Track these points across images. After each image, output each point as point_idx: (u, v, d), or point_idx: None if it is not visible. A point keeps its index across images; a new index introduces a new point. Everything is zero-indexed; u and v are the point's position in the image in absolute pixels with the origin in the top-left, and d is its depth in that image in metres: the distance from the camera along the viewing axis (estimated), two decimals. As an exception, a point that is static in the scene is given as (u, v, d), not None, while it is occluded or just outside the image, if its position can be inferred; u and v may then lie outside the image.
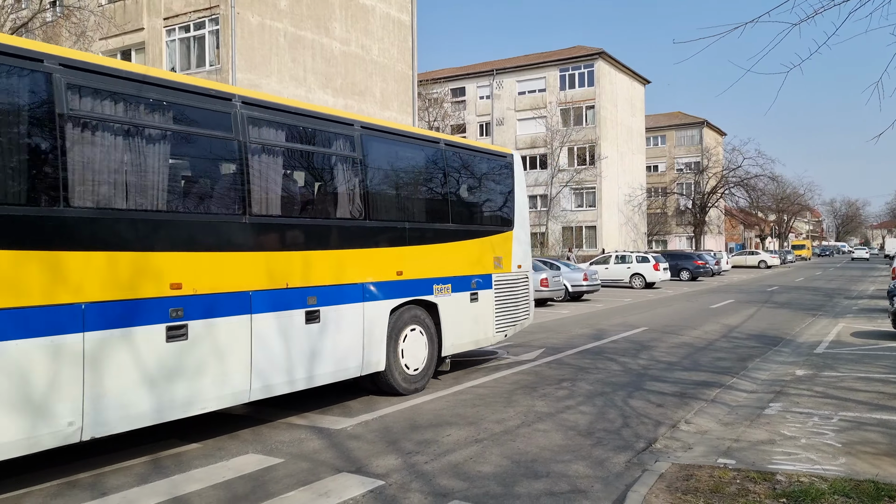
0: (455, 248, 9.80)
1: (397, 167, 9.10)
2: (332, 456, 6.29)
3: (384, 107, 29.66)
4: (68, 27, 22.82)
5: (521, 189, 11.52)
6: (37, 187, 5.23)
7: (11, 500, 5.28)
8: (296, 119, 7.64)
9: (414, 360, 8.99)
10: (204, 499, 5.24)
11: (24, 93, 5.24)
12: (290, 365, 7.16)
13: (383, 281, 8.43)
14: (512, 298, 10.97)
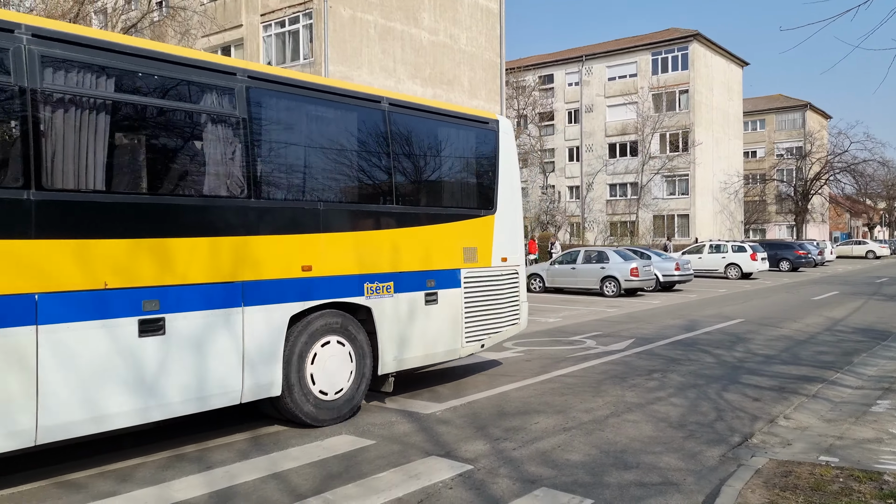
0: (402, 236, 7.72)
1: (308, 132, 7.00)
2: (421, 439, 6.43)
3: (472, 95, 29.71)
4: (173, 26, 24.00)
5: (509, 164, 9.27)
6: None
7: (127, 469, 5.69)
8: (129, 62, 5.63)
9: (331, 381, 6.96)
10: (301, 476, 5.47)
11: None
12: (102, 395, 5.29)
13: (278, 279, 6.48)
14: (491, 299, 8.81)
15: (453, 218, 8.41)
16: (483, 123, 9.07)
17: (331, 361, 6.99)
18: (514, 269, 9.21)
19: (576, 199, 55.55)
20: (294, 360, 6.65)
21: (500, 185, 9.07)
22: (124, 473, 5.58)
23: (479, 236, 8.72)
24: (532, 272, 24.26)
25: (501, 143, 9.18)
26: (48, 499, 5.04)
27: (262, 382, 6.36)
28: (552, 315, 17.03)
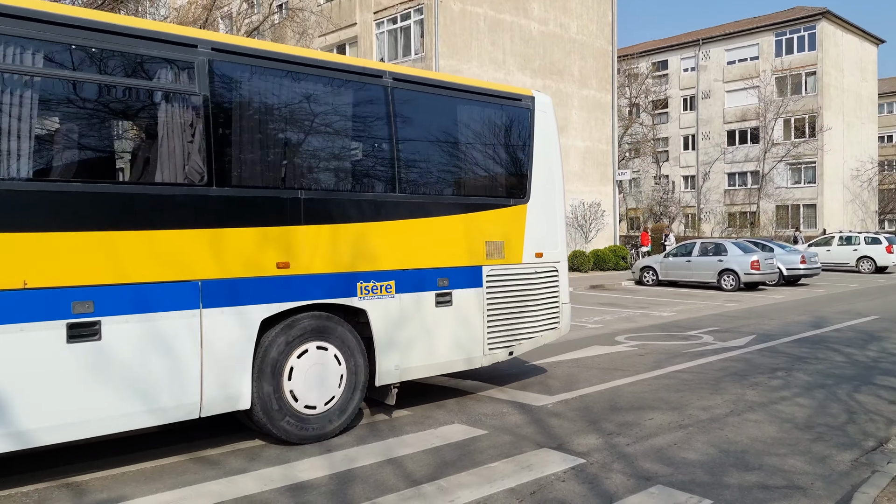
0: (407, 228, 6.82)
1: (287, 110, 6.22)
2: (533, 431, 6.45)
3: (583, 85, 29.23)
4: (292, 27, 25.04)
5: (547, 146, 8.19)
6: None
7: (256, 448, 6.06)
8: (61, 34, 5.01)
9: (313, 392, 6.15)
10: (416, 462, 5.63)
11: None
12: (19, 409, 4.73)
13: (246, 277, 5.74)
14: (522, 301, 7.78)
15: (474, 208, 7.44)
16: (513, 100, 8.01)
17: (315, 369, 6.18)
18: (551, 266, 8.14)
19: (691, 189, 53.53)
20: (267, 368, 5.88)
21: (534, 170, 7.99)
22: (253, 453, 5.94)
23: (506, 229, 7.70)
24: (645, 265, 23.65)
25: (537, 123, 8.09)
26: (186, 472, 5.45)
27: (226, 395, 5.62)
28: (666, 309, 16.55)
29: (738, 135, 50.91)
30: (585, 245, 28.39)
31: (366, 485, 5.13)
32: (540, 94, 8.33)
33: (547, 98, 8.42)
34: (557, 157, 8.37)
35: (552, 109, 8.38)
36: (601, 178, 30.04)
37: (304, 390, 6.11)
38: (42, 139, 5.18)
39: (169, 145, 5.49)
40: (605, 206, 29.53)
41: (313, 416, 6.15)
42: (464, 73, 24.95)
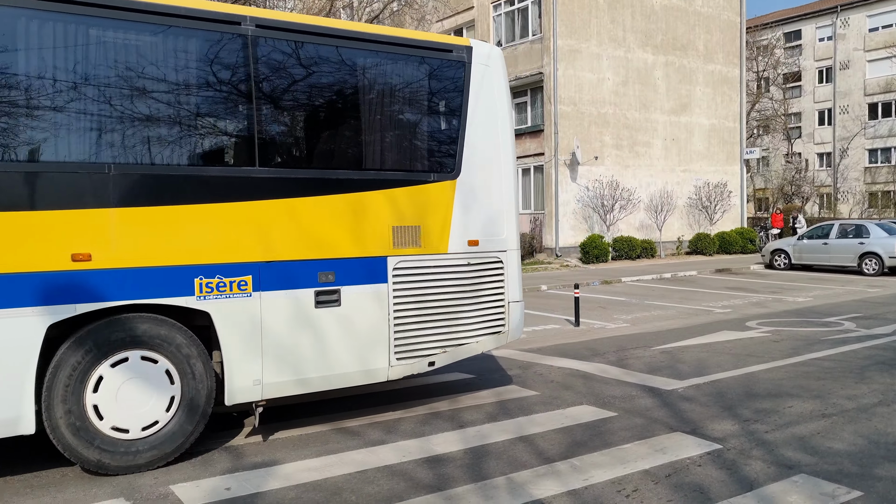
0: (273, 210, 5.58)
1: (91, 64, 4.95)
2: (665, 415, 6.38)
3: (708, 59, 27.97)
4: (411, 14, 25.47)
5: (489, 110, 6.68)
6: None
7: (392, 421, 6.34)
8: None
9: (133, 414, 5.07)
10: (547, 441, 5.71)
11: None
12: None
13: (21, 273, 4.65)
14: (448, 300, 6.38)
15: (375, 185, 6.07)
16: (439, 52, 6.49)
17: (130, 387, 5.05)
18: (492, 256, 6.65)
19: (826, 167, 50.13)
20: (59, 386, 4.81)
21: (468, 138, 6.53)
22: (390, 425, 6.23)
23: (424, 210, 6.29)
24: (776, 248, 22.48)
25: (474, 81, 6.59)
26: (330, 441, 5.79)
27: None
28: (801, 294, 15.70)
29: (881, 107, 47.09)
30: (710, 227, 27.30)
31: (499, 460, 5.27)
32: (481, 45, 6.77)
33: (491, 49, 6.82)
34: (506, 122, 6.80)
35: (500, 63, 6.81)
36: (727, 157, 28.72)
37: (120, 410, 5.01)
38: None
39: None
40: (731, 186, 28.23)
41: (134, 441, 5.06)
42: (582, 52, 24.51)
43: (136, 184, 5.08)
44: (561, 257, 24.12)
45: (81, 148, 4.93)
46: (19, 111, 4.76)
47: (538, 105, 25.24)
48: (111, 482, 4.92)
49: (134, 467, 5.07)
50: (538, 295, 16.20)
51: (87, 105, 4.95)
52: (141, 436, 5.11)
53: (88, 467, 4.98)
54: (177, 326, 5.23)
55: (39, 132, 4.84)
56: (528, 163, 25.42)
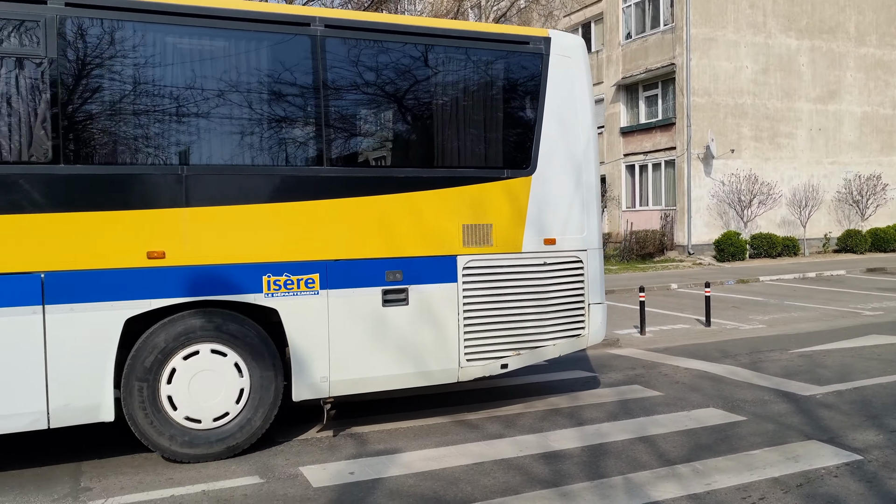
0: (340, 209, 5.63)
1: (163, 72, 5.21)
2: (799, 421, 6.02)
3: (860, 42, 25.84)
4: (538, 10, 25.34)
5: (568, 103, 6.46)
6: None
7: (511, 416, 6.41)
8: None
9: (200, 405, 5.27)
10: (669, 442, 5.56)
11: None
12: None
13: (103, 269, 4.95)
14: (522, 300, 6.21)
15: (445, 182, 6.00)
16: (515, 44, 6.33)
17: (201, 380, 5.27)
18: (571, 256, 6.44)
19: None
20: (136, 377, 5.11)
21: (544, 132, 6.33)
22: (509, 420, 6.29)
23: (497, 208, 6.15)
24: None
25: (553, 72, 6.38)
26: (450, 433, 5.94)
27: (80, 405, 4.93)
28: (967, 297, 14.23)
29: None
30: (861, 223, 25.25)
31: (618, 459, 5.20)
32: (561, 36, 6.59)
33: (572, 40, 6.62)
34: (588, 115, 6.57)
35: (582, 55, 6.60)
36: (882, 147, 26.42)
37: (190, 401, 5.24)
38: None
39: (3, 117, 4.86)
40: (887, 178, 25.95)
41: (200, 435, 5.27)
42: (717, 40, 23.38)
43: (208, 184, 5.29)
44: (693, 255, 23.19)
45: (158, 151, 5.25)
46: (102, 118, 5.10)
47: (669, 97, 24.37)
48: (247, 461, 5.31)
49: (207, 456, 5.28)
50: (667, 294, 15.69)
51: (164, 110, 5.22)
52: (212, 426, 5.30)
53: (164, 455, 5.25)
54: (246, 322, 5.38)
55: (119, 136, 5.16)
56: (658, 157, 24.62)
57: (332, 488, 4.75)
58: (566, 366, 8.50)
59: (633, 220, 25.11)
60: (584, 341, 6.60)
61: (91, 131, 5.12)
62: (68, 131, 4.93)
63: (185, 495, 4.66)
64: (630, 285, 16.00)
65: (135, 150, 5.21)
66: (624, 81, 25.73)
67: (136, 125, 5.18)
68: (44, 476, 5.07)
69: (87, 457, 5.43)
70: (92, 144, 5.13)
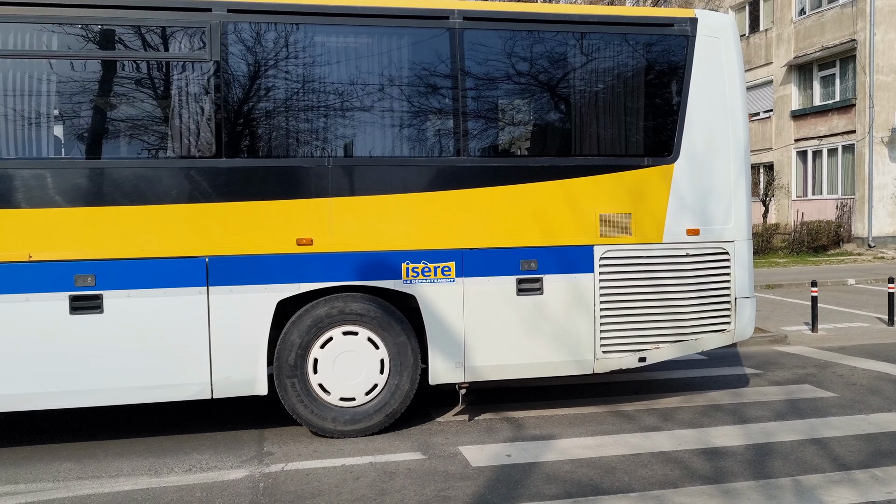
0: (476, 198, 5.73)
1: (309, 68, 5.58)
2: None
3: None
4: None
5: (716, 86, 6.17)
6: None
7: (669, 409, 6.29)
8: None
9: (343, 384, 5.59)
10: (843, 446, 5.23)
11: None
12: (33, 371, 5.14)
13: (257, 254, 5.38)
14: (661, 292, 6.02)
15: (581, 171, 5.93)
16: (659, 27, 6.15)
17: (344, 360, 5.60)
18: (716, 247, 6.16)
19: None
20: (288, 353, 5.50)
21: (688, 118, 6.10)
22: (667, 413, 6.18)
23: (637, 197, 5.99)
24: None
25: (699, 55, 6.12)
26: (605, 423, 5.93)
27: (238, 378, 5.41)
28: None
29: None
30: None
31: (786, 461, 4.97)
32: (709, 16, 6.32)
33: (722, 20, 6.35)
34: (737, 99, 6.24)
35: (732, 35, 6.28)
36: None
37: (335, 380, 5.60)
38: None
39: (179, 117, 5.44)
40: None
41: (346, 412, 5.61)
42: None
43: (351, 175, 5.60)
44: (874, 248, 21.23)
45: (305, 144, 5.63)
46: (257, 116, 5.58)
47: (848, 77, 22.39)
48: (410, 438, 5.61)
49: (371, 428, 5.63)
50: (843, 289, 14.53)
51: (311, 107, 5.60)
52: (366, 399, 5.64)
53: (313, 430, 5.63)
54: (383, 304, 5.64)
55: (273, 132, 5.61)
56: (834, 142, 22.71)
57: (489, 468, 4.92)
58: (728, 362, 8.17)
59: (804, 209, 23.37)
60: (731, 336, 6.30)
61: (248, 128, 5.61)
62: (230, 128, 5.43)
63: (354, 465, 5.02)
64: (800, 279, 14.98)
65: (286, 144, 5.62)
66: (796, 61, 23.95)
67: (286, 122, 5.60)
68: (234, 440, 5.66)
69: (270, 425, 5.98)
70: (248, 140, 5.62)
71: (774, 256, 20.98)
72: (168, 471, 4.99)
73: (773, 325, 10.23)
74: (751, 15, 26.80)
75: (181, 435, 5.80)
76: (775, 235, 22.56)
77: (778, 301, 12.94)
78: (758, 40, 26.02)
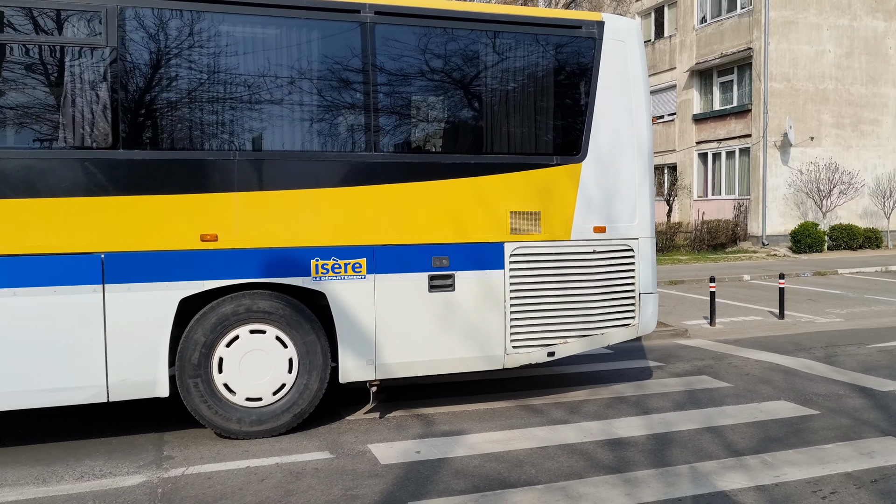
0: (387, 195, 5.70)
1: (210, 59, 5.37)
2: (876, 417, 5.84)
3: (955, 23, 24.39)
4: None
5: (621, 88, 6.34)
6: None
7: (576, 403, 6.44)
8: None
9: (250, 383, 5.45)
10: (737, 434, 5.49)
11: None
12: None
13: (158, 251, 5.16)
14: (568, 288, 6.15)
15: (492, 169, 5.99)
16: (568, 28, 6.25)
17: (254, 358, 5.45)
18: (621, 244, 6.34)
19: None
20: (191, 352, 5.30)
21: (596, 118, 6.24)
22: (574, 406, 6.32)
23: (546, 195, 6.10)
24: None
25: (606, 57, 6.28)
26: (514, 417, 6.01)
27: (137, 380, 5.17)
28: None
29: None
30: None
31: (684, 449, 5.17)
32: (615, 19, 6.47)
33: (627, 24, 6.51)
34: (641, 101, 6.43)
35: (637, 39, 6.47)
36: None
37: (241, 380, 5.43)
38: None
39: (72, 105, 5.11)
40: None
41: (251, 412, 5.45)
42: (798, 23, 22.47)
43: (258, 170, 5.45)
44: (768, 246, 22.48)
45: (210, 137, 5.41)
46: (158, 106, 5.31)
47: (745, 83, 23.60)
48: (318, 437, 5.51)
49: (279, 428, 5.50)
50: (739, 285, 15.30)
51: (216, 98, 5.38)
52: (274, 399, 5.51)
53: (218, 432, 5.44)
54: (291, 302, 5.50)
55: (175, 123, 5.35)
56: (732, 145, 23.91)
57: (398, 466, 4.89)
58: (632, 355, 8.44)
59: (704, 209, 24.49)
60: (635, 331, 6.50)
61: (148, 118, 5.33)
62: (128, 118, 5.16)
63: (259, 467, 4.89)
64: (700, 276, 15.67)
65: (189, 136, 5.37)
66: (698, 67, 25.06)
67: (189, 113, 5.36)
68: (130, 444, 5.40)
69: (170, 428, 5.75)
70: (148, 131, 5.33)
71: (677, 254, 21.88)
72: (58, 479, 4.71)
73: (675, 320, 10.65)
74: (656, 21, 27.84)
75: (73, 441, 5.48)
76: (678, 234, 23.54)
77: (680, 296, 13.49)
78: (663, 46, 27.06)
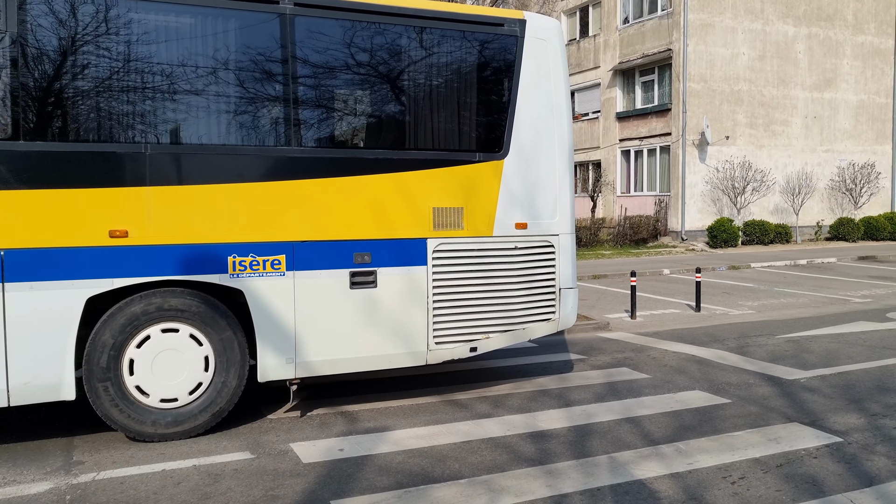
0: (307, 190, 5.60)
1: (131, 49, 5.14)
2: (783, 404, 6.13)
3: (857, 31, 25.83)
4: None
5: (543, 87, 6.43)
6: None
7: (500, 396, 6.50)
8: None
9: (164, 384, 5.26)
10: (654, 423, 5.66)
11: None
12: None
13: (63, 247, 4.92)
14: (490, 284, 6.20)
15: (415, 165, 5.96)
16: (491, 26, 6.26)
17: (167, 357, 5.26)
18: (542, 240, 6.44)
19: None
20: (99, 355, 5.08)
21: (518, 116, 6.31)
22: (498, 399, 6.38)
23: (469, 191, 6.13)
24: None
25: (528, 56, 6.34)
26: (439, 412, 6.02)
27: (40, 383, 4.93)
28: (956, 285, 14.37)
29: None
30: (854, 212, 25.40)
31: (603, 439, 5.29)
32: (537, 18, 6.51)
33: (548, 23, 6.55)
34: (562, 100, 6.52)
35: (558, 38, 6.55)
36: (877, 136, 26.51)
37: (154, 381, 5.23)
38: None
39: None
40: (880, 167, 26.07)
41: (166, 413, 5.26)
42: (715, 26, 23.33)
43: (172, 163, 5.24)
44: (686, 241, 23.30)
45: (119, 129, 5.15)
46: (63, 96, 5.03)
47: (665, 83, 24.35)
48: (238, 437, 5.38)
49: (197, 429, 5.34)
50: (659, 279, 15.80)
51: (126, 87, 5.14)
52: (191, 399, 5.34)
53: (131, 436, 5.22)
54: (206, 299, 5.34)
55: (81, 113, 5.09)
56: (653, 143, 24.64)
57: (321, 464, 4.83)
58: (556, 349, 8.59)
59: (627, 205, 25.18)
60: (555, 325, 6.59)
61: (52, 108, 5.05)
62: (30, 108, 4.91)
63: (175, 469, 4.74)
64: (622, 270, 16.09)
65: (97, 127, 5.12)
66: (621, 66, 25.69)
67: (97, 103, 5.11)
68: (36, 450, 5.14)
69: (81, 432, 5.51)
70: (53, 122, 5.06)
71: (601, 249, 22.42)
72: (-45, 489, 4.45)
73: (598, 314, 10.90)
74: (581, 20, 28.37)
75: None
76: (602, 229, 24.11)
77: (603, 290, 13.82)
78: (587, 45, 27.61)
